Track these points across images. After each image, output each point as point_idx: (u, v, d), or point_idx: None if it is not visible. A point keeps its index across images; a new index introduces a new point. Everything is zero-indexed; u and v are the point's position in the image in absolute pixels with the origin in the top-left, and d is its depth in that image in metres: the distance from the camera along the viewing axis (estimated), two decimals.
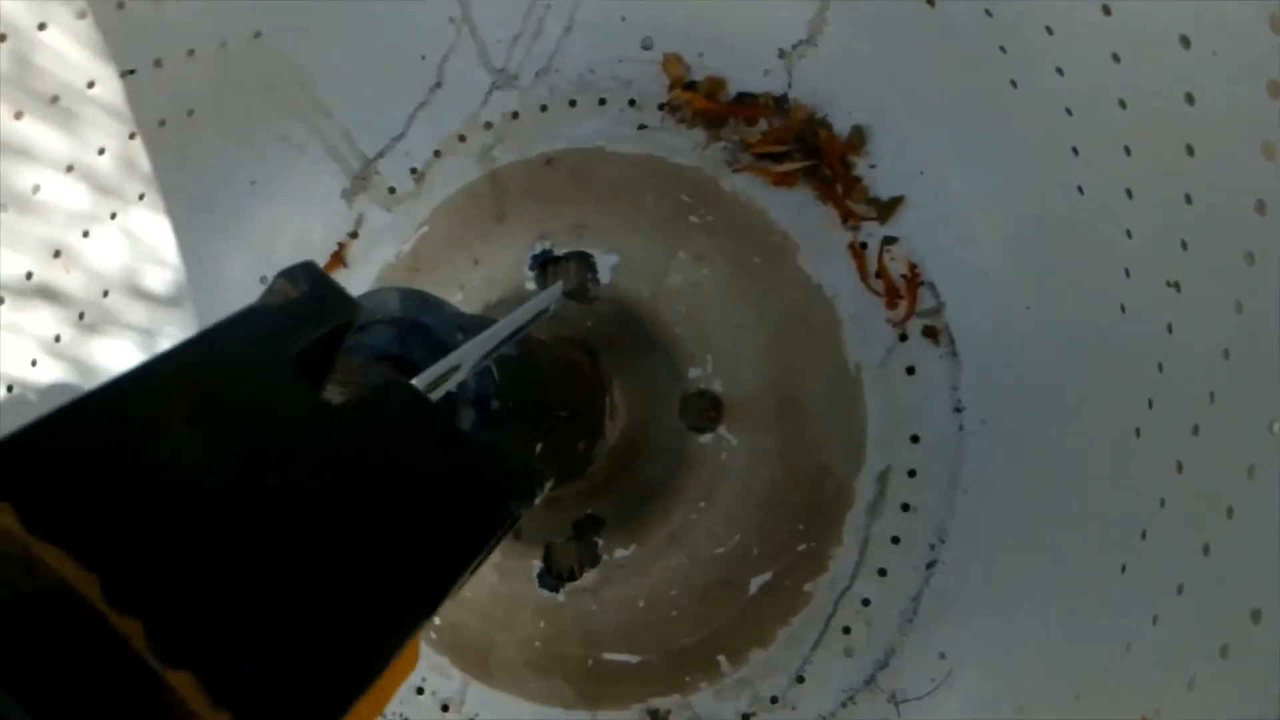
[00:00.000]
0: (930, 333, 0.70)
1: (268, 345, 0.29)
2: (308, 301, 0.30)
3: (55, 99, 0.67)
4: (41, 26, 0.65)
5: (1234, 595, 0.46)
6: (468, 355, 0.37)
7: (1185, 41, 0.45)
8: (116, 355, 0.76)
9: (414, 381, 0.33)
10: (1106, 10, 0.49)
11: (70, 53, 0.67)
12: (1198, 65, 0.45)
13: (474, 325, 0.43)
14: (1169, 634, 0.51)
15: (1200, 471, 0.52)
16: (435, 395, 0.34)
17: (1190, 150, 0.48)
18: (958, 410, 0.69)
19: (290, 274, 0.31)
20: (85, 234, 0.72)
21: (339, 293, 0.32)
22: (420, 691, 0.76)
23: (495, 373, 0.43)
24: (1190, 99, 0.46)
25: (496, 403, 0.43)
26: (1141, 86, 0.50)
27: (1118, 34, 0.50)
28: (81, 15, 0.66)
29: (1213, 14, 0.42)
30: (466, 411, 0.42)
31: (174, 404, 0.26)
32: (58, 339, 0.71)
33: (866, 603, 0.70)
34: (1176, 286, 0.53)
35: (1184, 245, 0.51)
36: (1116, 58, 0.51)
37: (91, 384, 0.72)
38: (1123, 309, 0.59)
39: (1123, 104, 0.52)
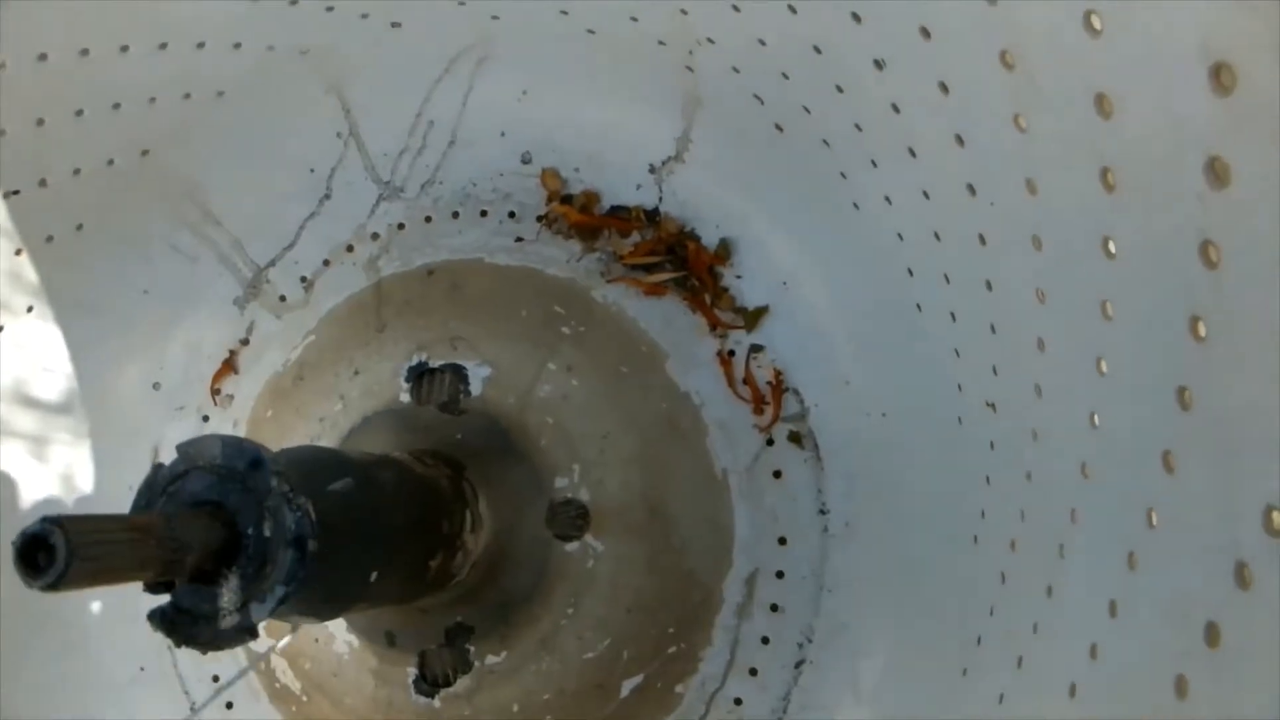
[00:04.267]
0: (795, 438, 0.72)
1: None
2: None
3: None
4: None
5: (1037, 711, 0.48)
6: None
7: (971, 190, 0.48)
8: (5, 463, 0.77)
9: None
10: (912, 153, 0.53)
11: None
12: (983, 210, 0.48)
13: (292, 464, 0.45)
14: None
15: (1017, 583, 0.54)
16: None
17: (989, 286, 0.51)
18: (822, 513, 0.71)
19: None
20: None
21: None
22: None
23: (313, 512, 0.45)
24: (982, 240, 0.50)
25: (314, 543, 0.45)
26: (949, 223, 0.54)
27: (926, 175, 0.53)
28: None
29: (991, 164, 0.46)
30: (284, 553, 0.44)
31: None
32: None
33: (738, 702, 0.71)
34: (993, 407, 0.56)
35: (995, 370, 0.54)
36: (926, 195, 0.54)
37: None
38: (959, 421, 0.62)
39: (936, 236, 0.55)
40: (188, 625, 0.44)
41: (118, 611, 0.81)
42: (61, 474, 0.81)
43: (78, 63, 0.67)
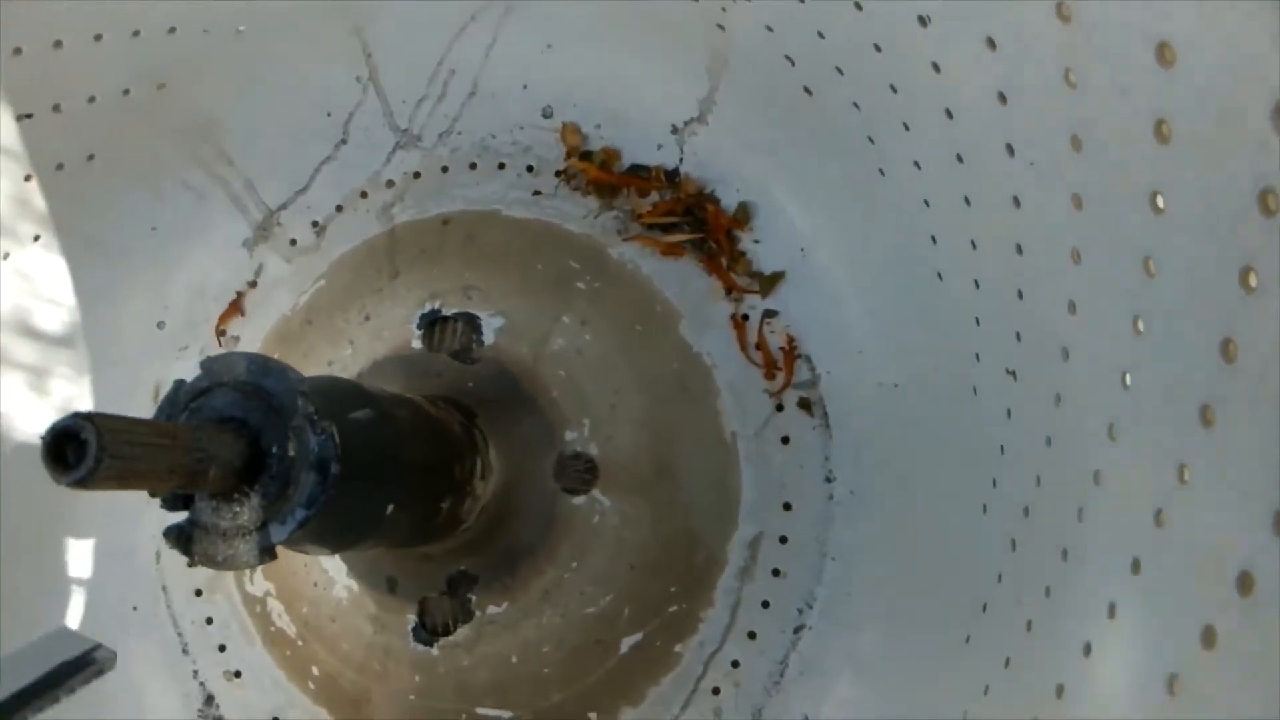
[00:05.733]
0: (805, 405, 0.72)
1: None
2: None
3: None
4: None
5: (1046, 674, 0.48)
6: None
7: (1010, 150, 0.48)
8: (6, 392, 0.76)
9: None
10: (949, 114, 0.53)
11: None
12: (1020, 171, 0.48)
13: (315, 390, 0.44)
14: (996, 706, 0.53)
15: (1028, 549, 0.54)
16: None
17: (1019, 249, 0.51)
18: (828, 480, 0.71)
19: None
20: None
21: None
22: None
23: (336, 436, 0.44)
24: (1017, 202, 0.49)
25: (337, 466, 0.44)
26: (982, 187, 0.53)
27: (962, 137, 0.53)
28: None
29: (1034, 122, 0.46)
30: (308, 475, 0.43)
31: None
32: None
33: (736, 664, 0.71)
34: (1014, 375, 0.56)
35: (1018, 337, 0.54)
36: (960, 158, 0.54)
37: None
38: (974, 391, 0.62)
39: (967, 200, 0.55)
40: (204, 542, 0.43)
41: (111, 549, 0.80)
42: (60, 408, 0.80)
43: None
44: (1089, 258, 0.45)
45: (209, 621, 0.78)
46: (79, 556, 0.80)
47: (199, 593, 0.78)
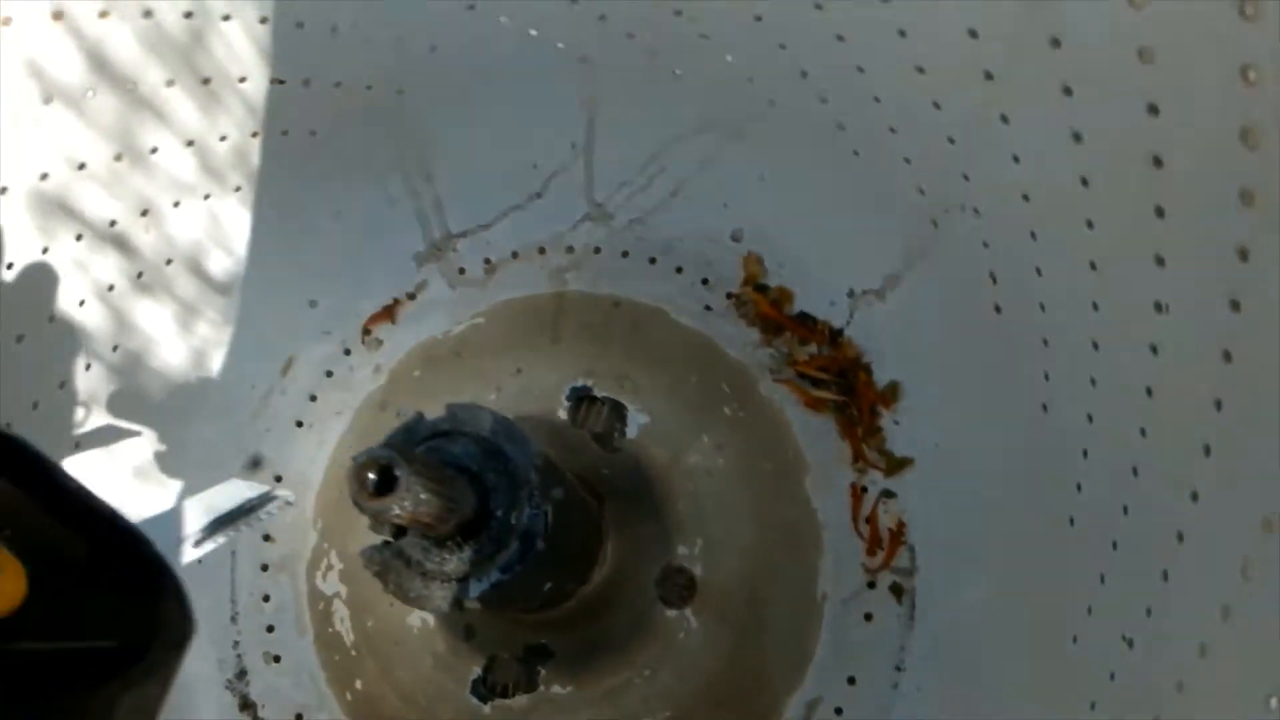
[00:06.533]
0: (896, 590, 0.74)
1: None
2: None
3: (207, 80, 0.71)
4: (226, 17, 0.69)
5: None
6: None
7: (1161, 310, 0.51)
8: (154, 320, 0.78)
9: None
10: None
11: (239, 47, 0.71)
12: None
13: (548, 468, 0.47)
14: None
15: None
16: None
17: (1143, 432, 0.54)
18: (898, 669, 0.73)
19: None
20: (176, 204, 0.75)
21: None
22: None
23: (550, 515, 0.47)
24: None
25: (542, 543, 0.46)
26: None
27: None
28: (263, 20, 0.70)
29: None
30: (514, 543, 0.45)
31: None
32: (111, 288, 0.73)
33: None
34: (1130, 643, 0.59)
35: (1148, 612, 0.57)
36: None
37: (122, 339, 0.74)
38: (1074, 639, 0.64)
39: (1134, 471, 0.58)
40: (402, 575, 0.45)
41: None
42: (196, 348, 0.82)
43: None
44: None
45: (266, 599, 0.79)
46: (161, 495, 0.81)
47: (265, 568, 0.79)
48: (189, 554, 0.37)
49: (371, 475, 0.36)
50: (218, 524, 0.38)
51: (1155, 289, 0.50)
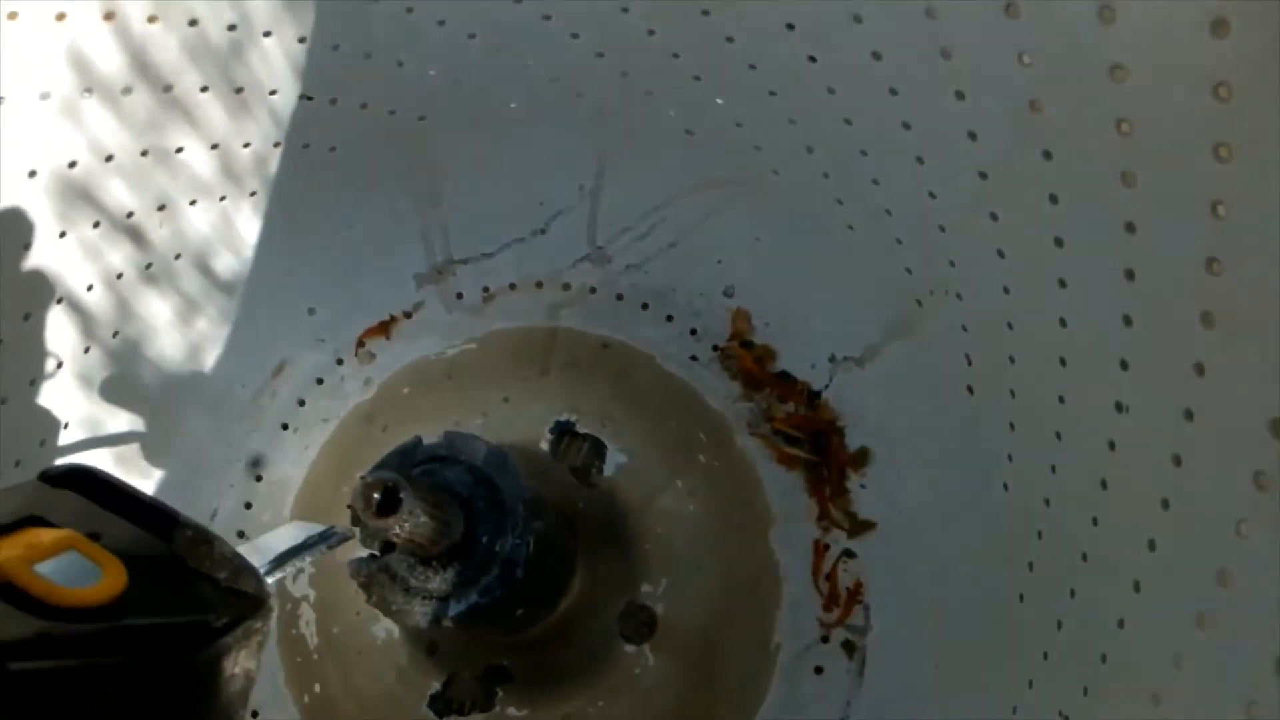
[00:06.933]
0: (849, 647, 0.77)
1: None
2: None
3: (240, 90, 0.73)
4: (267, 33, 0.72)
5: None
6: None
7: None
8: (156, 311, 0.80)
9: None
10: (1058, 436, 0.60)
11: (275, 62, 0.74)
12: None
13: (534, 501, 0.49)
14: None
15: None
16: None
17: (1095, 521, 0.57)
18: None
19: None
20: (193, 202, 0.77)
21: None
22: None
23: (530, 546, 0.49)
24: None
25: (522, 571, 0.49)
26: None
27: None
28: (301, 40, 0.73)
29: None
30: (494, 570, 0.48)
31: None
32: (119, 276, 0.75)
33: None
34: (1084, 691, 0.62)
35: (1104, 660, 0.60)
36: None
37: (123, 326, 0.76)
38: (1014, 710, 0.67)
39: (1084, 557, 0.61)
40: (386, 588, 0.47)
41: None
42: (193, 342, 0.84)
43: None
44: None
45: None
46: (141, 484, 0.83)
47: None
48: None
49: (377, 495, 0.38)
50: (277, 563, 0.40)
51: (1117, 391, 0.54)
